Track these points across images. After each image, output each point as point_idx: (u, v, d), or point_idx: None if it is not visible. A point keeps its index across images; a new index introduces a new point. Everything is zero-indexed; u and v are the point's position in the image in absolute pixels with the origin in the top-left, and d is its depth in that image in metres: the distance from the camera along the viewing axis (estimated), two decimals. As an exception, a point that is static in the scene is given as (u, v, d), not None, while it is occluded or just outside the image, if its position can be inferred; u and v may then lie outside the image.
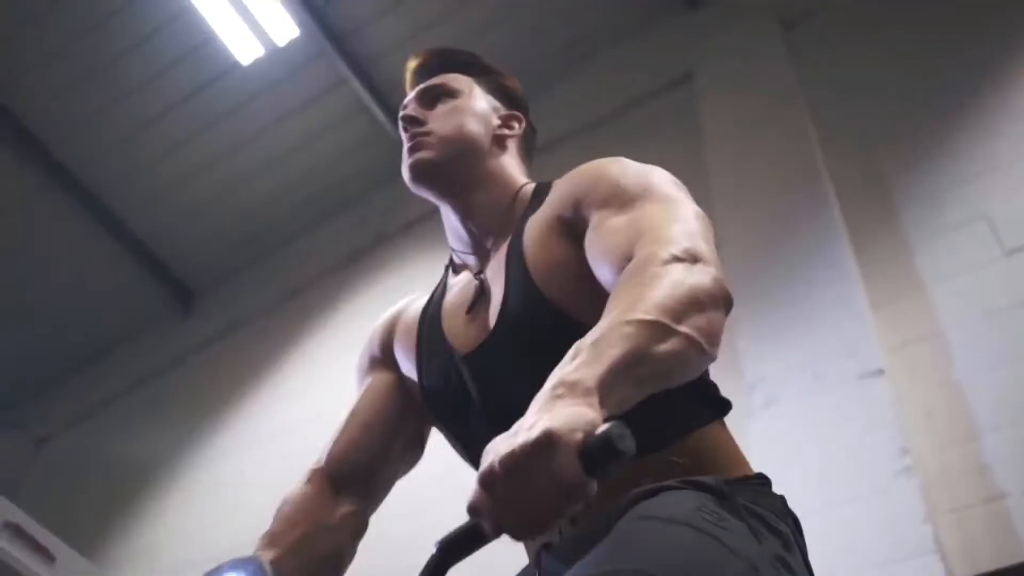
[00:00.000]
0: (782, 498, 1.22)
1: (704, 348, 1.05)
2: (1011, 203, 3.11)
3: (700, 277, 1.09)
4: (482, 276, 1.40)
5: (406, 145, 1.46)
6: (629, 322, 1.01)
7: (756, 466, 1.28)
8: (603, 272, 1.21)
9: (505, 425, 1.16)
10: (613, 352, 0.97)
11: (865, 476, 2.66)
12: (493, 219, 1.44)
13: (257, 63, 4.34)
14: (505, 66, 1.62)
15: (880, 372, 2.81)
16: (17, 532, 3.82)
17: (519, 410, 1.13)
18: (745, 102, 3.79)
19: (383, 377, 1.51)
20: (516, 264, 1.33)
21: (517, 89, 1.58)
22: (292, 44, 4.29)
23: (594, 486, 0.88)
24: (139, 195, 4.89)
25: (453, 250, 1.50)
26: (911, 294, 3.08)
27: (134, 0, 4.19)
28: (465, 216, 1.46)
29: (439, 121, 1.47)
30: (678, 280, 1.07)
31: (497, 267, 1.38)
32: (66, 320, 5.15)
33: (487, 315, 1.35)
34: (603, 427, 0.87)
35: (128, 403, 5.06)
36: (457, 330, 1.38)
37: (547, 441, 0.87)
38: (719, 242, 1.22)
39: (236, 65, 4.35)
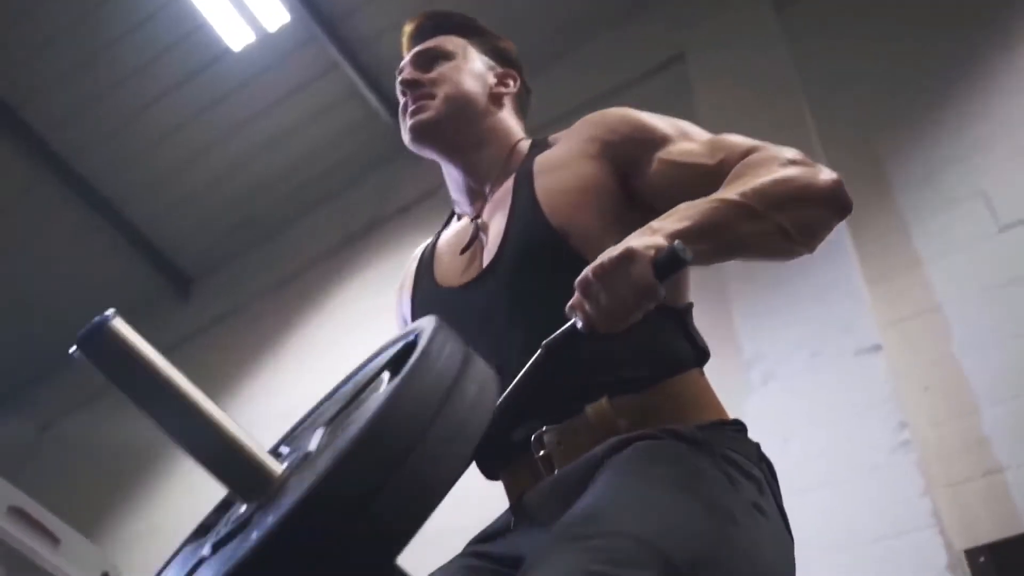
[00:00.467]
0: (757, 445, 1.26)
1: (793, 237, 1.20)
2: (1006, 179, 3.11)
3: (816, 177, 1.23)
4: (479, 220, 1.45)
5: (407, 107, 1.51)
6: (724, 200, 1.17)
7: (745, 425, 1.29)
8: (707, 180, 1.27)
9: (500, 357, 1.20)
10: (698, 216, 1.15)
11: (863, 451, 2.67)
12: (492, 170, 1.49)
13: (248, 49, 4.32)
14: (498, 42, 1.64)
15: (877, 348, 2.83)
16: (22, 516, 3.84)
17: (513, 338, 1.17)
18: (738, 83, 3.79)
19: None
20: (523, 194, 1.38)
21: (511, 49, 1.65)
22: (283, 29, 4.28)
23: (663, 290, 1.09)
24: (134, 183, 4.89)
25: (454, 202, 1.56)
26: (907, 271, 3.09)
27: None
28: (466, 171, 1.51)
29: (437, 83, 1.51)
30: (790, 176, 1.21)
31: (497, 205, 1.43)
32: (66, 308, 5.14)
33: (481, 254, 1.40)
34: (668, 245, 1.09)
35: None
36: (451, 269, 1.44)
37: (628, 254, 1.08)
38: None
39: (227, 51, 4.34)
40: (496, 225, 1.39)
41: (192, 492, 4.56)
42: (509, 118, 1.55)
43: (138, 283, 5.20)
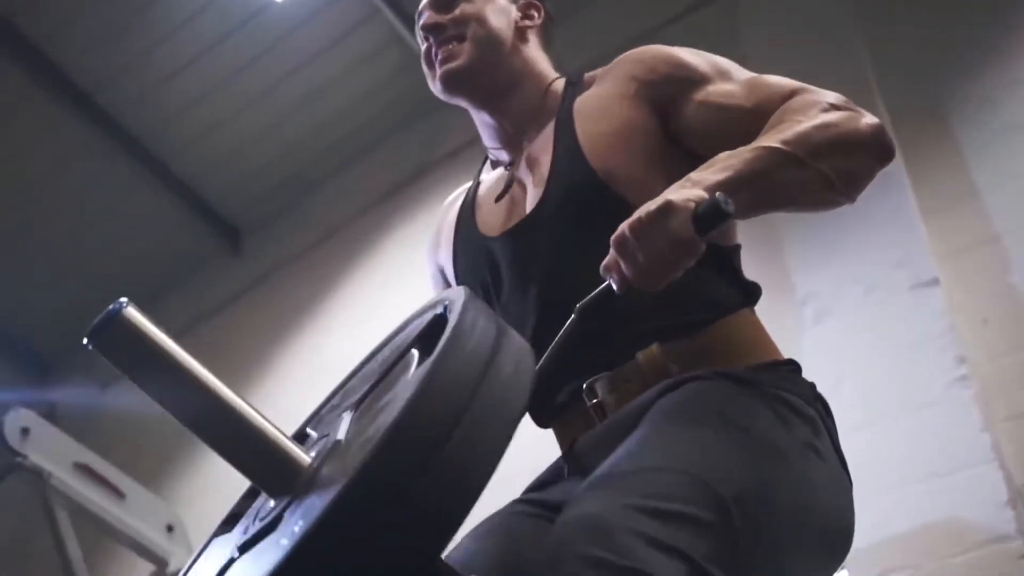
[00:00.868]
0: (812, 384, 1.23)
1: (836, 186, 1.15)
2: (1066, 103, 3.02)
3: (858, 123, 1.18)
4: (514, 168, 1.41)
5: (434, 55, 1.45)
6: (765, 148, 1.12)
7: (810, 379, 1.27)
8: (747, 125, 1.23)
9: (540, 301, 1.18)
10: (740, 166, 1.10)
11: (921, 387, 2.64)
12: (528, 114, 1.43)
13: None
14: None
15: (934, 281, 2.78)
16: (88, 472, 3.96)
17: (552, 284, 1.16)
18: (790, 14, 3.69)
19: None
20: (565, 140, 1.34)
21: None
22: (323, -23, 4.26)
23: (703, 245, 1.04)
24: (181, 139, 4.92)
25: (488, 148, 1.51)
26: (964, 201, 3.02)
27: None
28: (500, 116, 1.45)
29: (459, 24, 1.44)
30: (833, 122, 1.16)
31: (538, 152, 1.38)
32: (120, 265, 5.23)
33: (524, 201, 1.37)
34: (709, 198, 1.04)
35: (186, 343, 5.11)
36: (491, 220, 1.40)
37: (667, 207, 1.03)
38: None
39: (271, 2, 4.33)
40: (538, 172, 1.35)
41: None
42: (538, 54, 1.49)
43: (189, 239, 5.25)
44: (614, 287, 1.07)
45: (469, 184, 1.54)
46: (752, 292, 1.29)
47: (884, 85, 3.27)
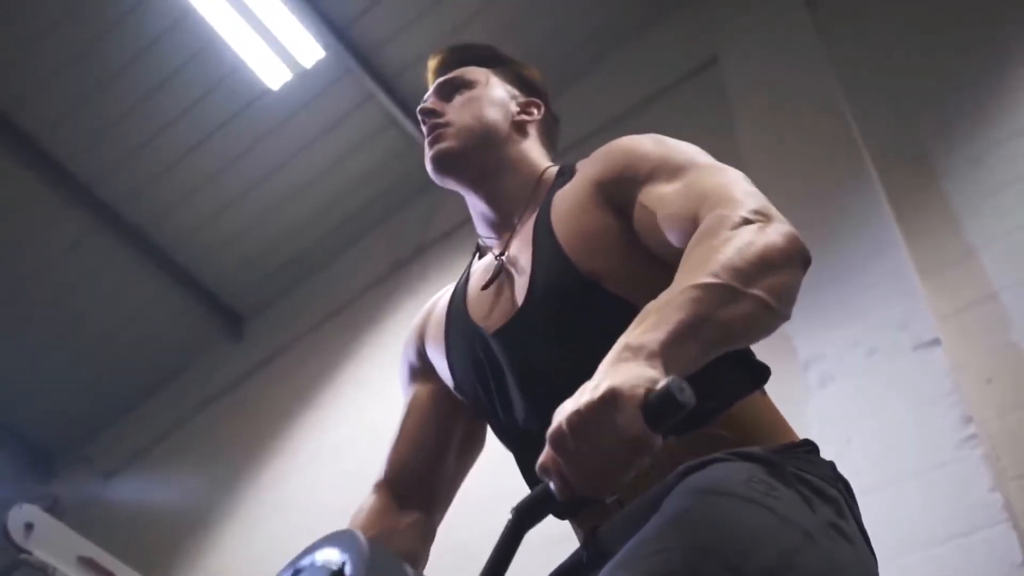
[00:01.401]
0: (831, 464, 1.21)
1: (775, 309, 1.07)
2: (1055, 159, 3.05)
3: (773, 236, 1.10)
4: (503, 256, 1.41)
5: (426, 138, 1.49)
6: (696, 286, 1.02)
7: (817, 445, 1.27)
8: (671, 237, 1.21)
9: (540, 399, 1.17)
10: (679, 316, 0.99)
11: (928, 448, 2.62)
12: (518, 203, 1.45)
13: (286, 87, 4.38)
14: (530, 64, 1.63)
15: (936, 342, 2.77)
16: (92, 565, 3.90)
17: (552, 381, 1.15)
18: (774, 80, 3.76)
19: (424, 389, 1.52)
20: (544, 236, 1.34)
21: (536, 77, 1.61)
22: (318, 65, 4.33)
23: (658, 440, 0.91)
24: (183, 227, 4.96)
25: (479, 236, 1.52)
26: (960, 260, 3.03)
27: (159, 39, 4.24)
28: (490, 202, 1.47)
29: (457, 111, 1.49)
30: (749, 241, 1.08)
31: (523, 243, 1.39)
32: (121, 355, 5.24)
33: (513, 293, 1.36)
34: (663, 382, 0.90)
35: (190, 430, 5.14)
36: (482, 310, 1.40)
37: (611, 397, 0.90)
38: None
39: (266, 91, 4.41)
40: (523, 264, 1.36)
41: (256, 533, 4.62)
42: (534, 147, 1.52)
43: (190, 326, 5.27)
44: (553, 490, 0.93)
45: (453, 284, 1.56)
46: (762, 373, 1.29)
47: (874, 151, 3.31)
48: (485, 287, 1.41)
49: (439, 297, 1.58)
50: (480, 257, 1.53)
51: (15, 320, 5.04)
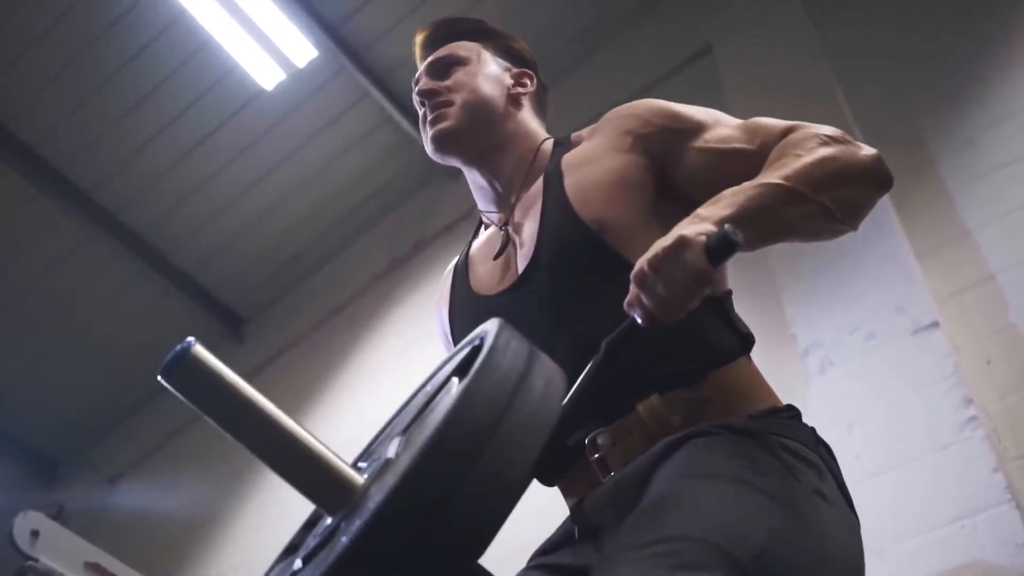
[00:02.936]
0: (812, 429, 1.25)
1: (838, 217, 1.20)
2: (1049, 139, 3.06)
3: (855, 155, 1.23)
4: (507, 227, 1.44)
5: (426, 118, 1.50)
6: (768, 184, 1.17)
7: (818, 431, 1.28)
8: (739, 165, 1.28)
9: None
10: (744, 202, 1.15)
11: (929, 431, 2.63)
12: (518, 173, 1.48)
13: (280, 87, 4.39)
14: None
15: (935, 325, 2.78)
16: (99, 571, 3.91)
17: (550, 341, 1.18)
18: (767, 68, 3.76)
19: None
20: (554, 194, 1.37)
21: (524, 49, 1.63)
22: (311, 64, 4.34)
23: (715, 275, 1.10)
24: (180, 230, 4.97)
25: (481, 211, 1.54)
26: (956, 242, 3.04)
27: (151, 44, 4.25)
28: (492, 176, 1.49)
29: (455, 90, 1.49)
30: (831, 156, 1.21)
31: (527, 208, 1.41)
32: (122, 360, 5.25)
33: (516, 259, 1.39)
34: (718, 230, 1.09)
35: (193, 434, 5.14)
36: (486, 277, 1.42)
37: (680, 242, 1.08)
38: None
39: (261, 91, 4.41)
40: (528, 228, 1.38)
41: (263, 534, 4.62)
42: (530, 118, 1.54)
43: (191, 329, 5.24)
44: (638, 321, 1.11)
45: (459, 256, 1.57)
46: (747, 339, 1.31)
47: (869, 135, 3.32)
48: (496, 257, 1.43)
49: (454, 264, 1.59)
50: (486, 229, 1.54)
51: (16, 327, 5.05)
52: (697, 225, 1.11)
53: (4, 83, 4.31)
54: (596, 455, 1.21)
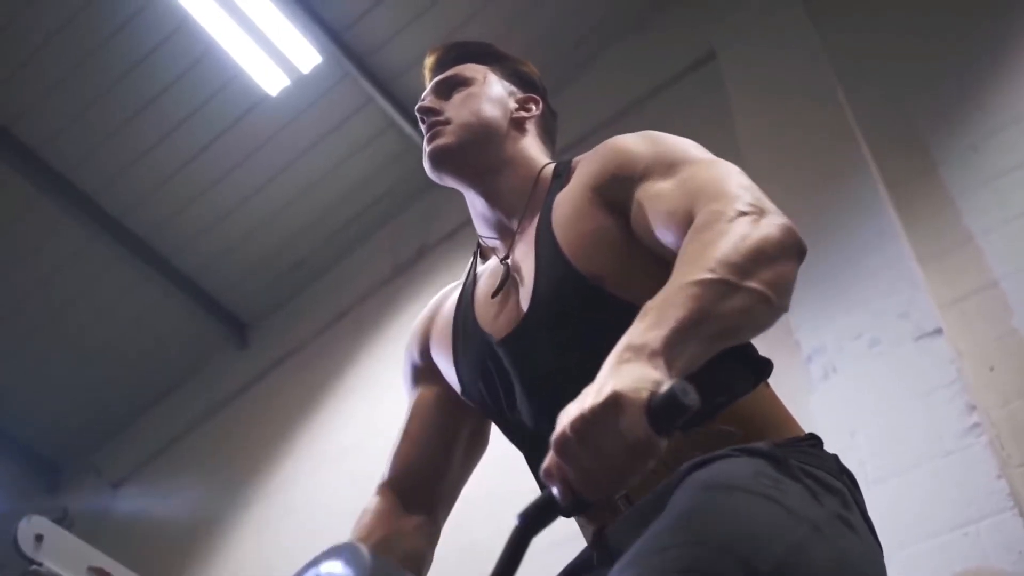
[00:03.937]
0: (835, 457, 1.22)
1: (772, 301, 1.06)
2: (1052, 146, 3.05)
3: (768, 229, 1.10)
4: (508, 260, 1.41)
5: (424, 136, 1.49)
6: (694, 282, 1.02)
7: (822, 437, 1.27)
8: (666, 236, 1.21)
9: (549, 404, 1.17)
10: (678, 313, 0.98)
11: (933, 437, 2.63)
12: (517, 201, 1.45)
13: (284, 93, 4.39)
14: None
15: (938, 331, 2.78)
16: None
17: (560, 386, 1.14)
18: (771, 73, 3.77)
19: (428, 390, 1.52)
20: (546, 242, 1.34)
21: (533, 73, 1.60)
22: (316, 70, 4.34)
23: (663, 444, 0.90)
24: (184, 235, 4.97)
25: (480, 236, 1.52)
26: (959, 248, 3.03)
27: (156, 49, 4.25)
28: (489, 200, 1.47)
29: (455, 109, 1.48)
30: (744, 235, 1.08)
31: (526, 248, 1.38)
32: (126, 364, 5.25)
33: (518, 298, 1.36)
34: (666, 384, 0.89)
35: (197, 438, 5.15)
36: (490, 316, 1.39)
37: (614, 401, 0.89)
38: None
39: (265, 97, 4.42)
40: (526, 270, 1.36)
41: (266, 539, 4.63)
42: (532, 144, 1.51)
43: (195, 334, 5.28)
44: (555, 496, 0.92)
45: (456, 283, 1.55)
46: (763, 367, 1.29)
47: (871, 140, 3.32)
48: (494, 295, 1.40)
49: (443, 297, 1.57)
50: (482, 257, 1.52)
51: (19, 331, 5.05)
52: (635, 368, 0.92)
53: (9, 87, 4.32)
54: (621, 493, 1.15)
